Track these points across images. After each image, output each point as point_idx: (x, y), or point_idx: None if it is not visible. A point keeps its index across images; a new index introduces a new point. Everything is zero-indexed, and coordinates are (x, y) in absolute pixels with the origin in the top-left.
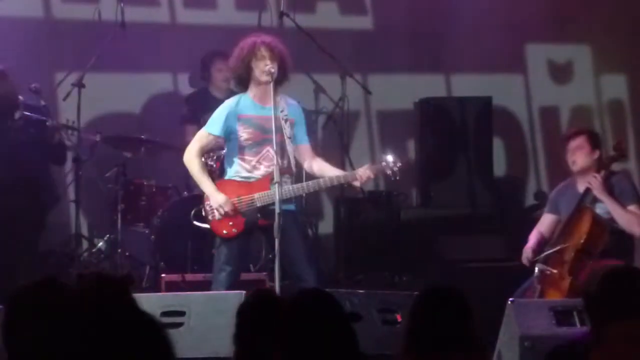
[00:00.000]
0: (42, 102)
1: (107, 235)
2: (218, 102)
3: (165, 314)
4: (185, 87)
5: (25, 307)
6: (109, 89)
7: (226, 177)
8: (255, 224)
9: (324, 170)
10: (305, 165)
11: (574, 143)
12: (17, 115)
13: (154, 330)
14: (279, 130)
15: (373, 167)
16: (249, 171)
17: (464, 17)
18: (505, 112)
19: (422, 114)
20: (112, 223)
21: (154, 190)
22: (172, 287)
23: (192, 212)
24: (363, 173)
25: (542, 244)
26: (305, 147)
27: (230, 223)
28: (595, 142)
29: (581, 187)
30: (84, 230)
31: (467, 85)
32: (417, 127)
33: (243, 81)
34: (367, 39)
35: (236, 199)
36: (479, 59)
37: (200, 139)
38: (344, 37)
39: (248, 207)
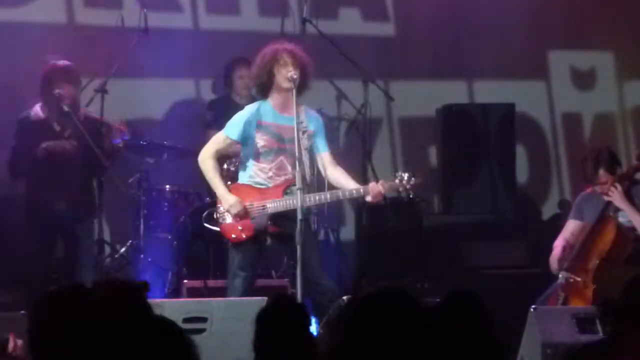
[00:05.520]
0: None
1: (130, 241)
2: (239, 108)
3: (187, 320)
4: (207, 93)
5: (50, 313)
6: (131, 95)
7: (239, 182)
8: (265, 230)
9: (340, 182)
10: (324, 174)
11: (600, 182)
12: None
13: (172, 335)
14: (295, 139)
15: (386, 183)
16: (263, 178)
17: (486, 23)
18: (528, 119)
19: (444, 120)
20: (135, 229)
21: (176, 196)
22: (194, 293)
23: (204, 214)
24: (374, 188)
25: (568, 250)
26: (324, 155)
27: (240, 227)
28: (614, 165)
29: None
30: (107, 236)
31: (490, 91)
32: (440, 134)
33: (264, 88)
34: (389, 45)
35: (248, 203)
36: (502, 66)
37: (217, 141)
38: (367, 44)
39: (259, 212)
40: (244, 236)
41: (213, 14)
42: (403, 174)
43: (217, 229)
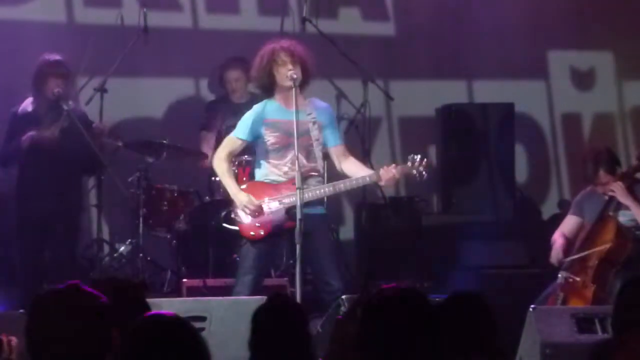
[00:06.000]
0: (82, 109)
1: (129, 240)
2: (239, 107)
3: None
4: (207, 92)
5: (49, 312)
6: (131, 94)
7: (255, 180)
8: (282, 226)
9: (352, 171)
10: (338, 167)
11: (600, 182)
12: (65, 107)
13: (176, 332)
14: (305, 133)
15: (398, 166)
16: (276, 174)
17: (486, 23)
18: (528, 119)
19: (444, 120)
20: (134, 228)
21: (175, 195)
22: (193, 292)
23: (223, 214)
24: (386, 172)
25: (568, 246)
26: (337, 148)
27: (258, 224)
28: (613, 165)
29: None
30: (106, 235)
31: (489, 91)
32: (439, 133)
33: (267, 89)
34: (389, 44)
35: (265, 199)
36: (501, 65)
37: (228, 144)
38: (366, 43)
39: (276, 208)
40: (262, 233)
41: (213, 13)
42: (415, 156)
43: (236, 228)
